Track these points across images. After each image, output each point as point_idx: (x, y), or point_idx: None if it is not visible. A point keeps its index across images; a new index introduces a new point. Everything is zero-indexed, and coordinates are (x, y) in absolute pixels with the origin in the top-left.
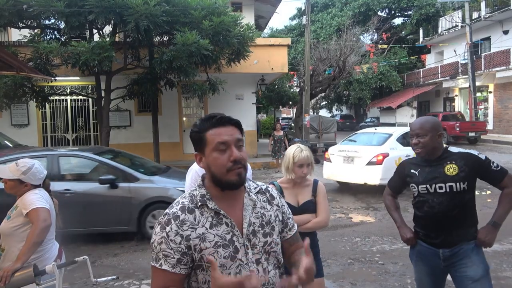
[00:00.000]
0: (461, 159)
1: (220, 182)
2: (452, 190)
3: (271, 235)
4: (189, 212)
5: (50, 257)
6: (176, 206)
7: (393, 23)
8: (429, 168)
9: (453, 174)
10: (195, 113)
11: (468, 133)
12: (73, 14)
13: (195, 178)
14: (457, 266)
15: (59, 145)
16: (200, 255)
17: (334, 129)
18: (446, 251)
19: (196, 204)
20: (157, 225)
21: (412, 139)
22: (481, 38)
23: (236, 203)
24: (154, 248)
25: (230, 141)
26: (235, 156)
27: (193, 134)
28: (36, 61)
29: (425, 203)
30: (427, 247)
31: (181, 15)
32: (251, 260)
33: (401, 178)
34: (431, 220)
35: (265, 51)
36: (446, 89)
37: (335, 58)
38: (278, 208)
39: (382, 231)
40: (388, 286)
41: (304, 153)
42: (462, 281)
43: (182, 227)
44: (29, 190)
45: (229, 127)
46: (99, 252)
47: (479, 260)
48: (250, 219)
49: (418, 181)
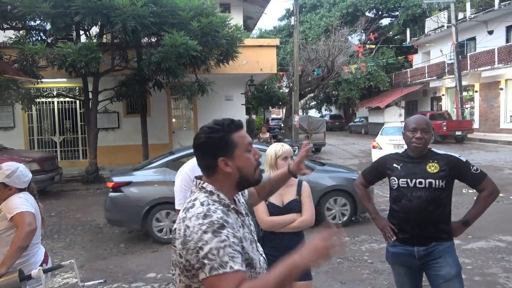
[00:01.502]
0: (442, 159)
1: (249, 181)
2: (431, 186)
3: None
4: (227, 216)
5: (36, 261)
6: (215, 212)
7: (380, 23)
8: (412, 164)
9: (433, 172)
10: (184, 114)
11: (455, 132)
12: (59, 15)
13: (186, 180)
14: (431, 265)
15: (46, 148)
16: (245, 253)
17: (324, 129)
18: (421, 250)
19: (228, 208)
20: (205, 234)
21: (415, 133)
22: (467, 38)
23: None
24: (214, 257)
25: (251, 142)
26: (259, 154)
27: (218, 137)
28: (22, 63)
29: (403, 196)
30: (402, 248)
31: (169, 16)
32: (260, 253)
33: (379, 171)
34: (407, 213)
35: (254, 51)
36: (433, 88)
37: (324, 58)
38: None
39: (371, 231)
40: (377, 284)
41: (286, 147)
42: (435, 279)
43: (234, 229)
44: (13, 194)
45: (243, 130)
46: (88, 255)
47: (452, 261)
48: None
49: (399, 175)
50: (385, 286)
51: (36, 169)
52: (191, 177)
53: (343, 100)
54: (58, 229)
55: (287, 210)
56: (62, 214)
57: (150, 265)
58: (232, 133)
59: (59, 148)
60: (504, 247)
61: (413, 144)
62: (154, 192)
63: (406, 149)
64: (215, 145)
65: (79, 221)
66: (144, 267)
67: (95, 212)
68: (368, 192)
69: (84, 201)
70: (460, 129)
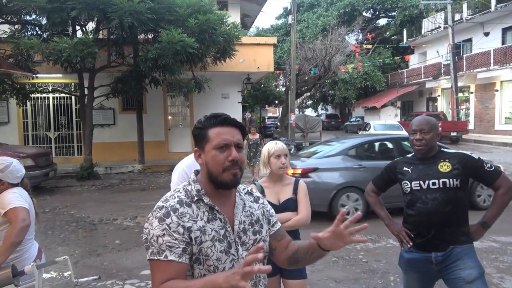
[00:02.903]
0: (454, 158)
1: (215, 180)
2: (445, 186)
3: (260, 233)
4: (187, 206)
5: (29, 257)
6: (172, 199)
7: (377, 23)
8: (422, 166)
9: (446, 171)
10: (180, 111)
11: (450, 132)
12: (55, 10)
13: (182, 176)
14: (450, 269)
15: (41, 144)
16: (199, 247)
17: (320, 128)
18: (439, 255)
19: (192, 199)
20: (153, 219)
21: (415, 135)
22: (463, 39)
23: (228, 201)
24: (154, 242)
25: (231, 141)
26: (234, 156)
27: (196, 130)
28: (17, 57)
29: (417, 199)
30: (418, 254)
31: (166, 12)
32: (241, 256)
33: (390, 176)
34: (423, 217)
35: (251, 50)
36: (429, 89)
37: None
38: (264, 206)
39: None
40: (372, 284)
41: (279, 144)
42: (456, 283)
43: (183, 218)
44: (6, 189)
45: (232, 129)
46: (82, 252)
47: (472, 262)
48: (240, 217)
49: (411, 178)
50: (380, 285)
51: (31, 164)
52: (188, 174)
53: (339, 100)
54: (52, 225)
55: (283, 208)
56: (56, 210)
57: (144, 262)
58: (209, 128)
59: (54, 144)
60: (498, 248)
61: (414, 146)
62: (339, 178)
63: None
64: (195, 135)
65: (73, 217)
66: (138, 264)
67: (89, 209)
68: (380, 199)
69: (78, 197)
70: (455, 130)
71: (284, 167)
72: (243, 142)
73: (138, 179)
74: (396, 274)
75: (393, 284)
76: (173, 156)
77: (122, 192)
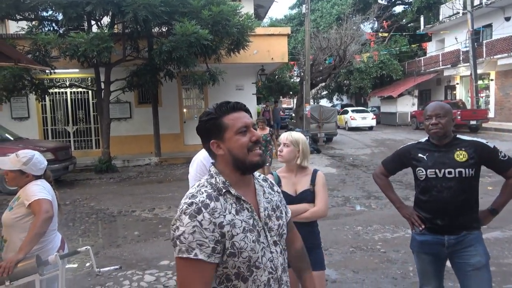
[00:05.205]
0: (470, 147)
1: (243, 164)
2: (461, 176)
3: (281, 218)
4: (216, 200)
5: (52, 247)
6: (201, 195)
7: (393, 11)
8: (438, 153)
9: (462, 160)
10: (195, 104)
11: (470, 121)
12: (70, 5)
13: (201, 168)
14: (460, 253)
15: (60, 138)
16: (232, 241)
17: (335, 119)
18: (452, 238)
19: (220, 192)
20: (183, 216)
21: (430, 120)
22: (483, 25)
23: (249, 188)
24: (184, 240)
25: (249, 123)
26: (257, 136)
27: (209, 121)
28: (35, 53)
29: (433, 187)
30: (431, 237)
31: (179, 5)
32: (271, 242)
33: (402, 161)
34: (438, 204)
35: (264, 40)
36: (447, 77)
37: (336, 47)
38: (278, 194)
39: (384, 220)
40: (390, 274)
41: (286, 133)
42: (463, 267)
43: (214, 214)
44: (30, 181)
45: (243, 113)
46: (102, 242)
47: (482, 249)
48: (264, 204)
49: (426, 165)
50: (398, 276)
51: (51, 158)
52: (206, 166)
53: (354, 90)
54: (73, 217)
55: (300, 199)
56: (76, 202)
57: (163, 253)
58: (223, 116)
59: (73, 138)
60: None
61: (431, 131)
62: None
63: (429, 137)
64: (206, 128)
65: (93, 209)
66: (157, 255)
67: (108, 201)
68: (389, 182)
69: (97, 190)
70: (474, 118)
71: (281, 155)
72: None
73: (155, 171)
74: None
75: (412, 274)
76: (188, 149)
77: (139, 185)
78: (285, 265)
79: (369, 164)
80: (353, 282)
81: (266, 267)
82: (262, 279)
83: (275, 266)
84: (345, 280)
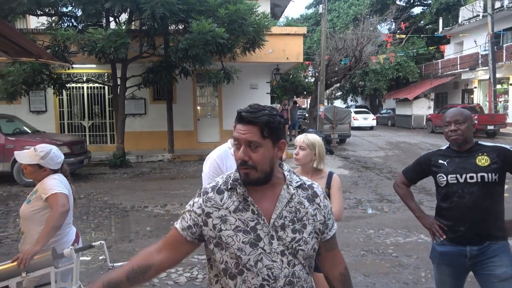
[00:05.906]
0: (493, 151)
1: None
2: (483, 181)
3: (301, 232)
4: (218, 193)
5: (68, 241)
6: (212, 183)
7: (411, 12)
8: (459, 159)
9: (485, 165)
10: (209, 102)
11: (487, 126)
12: (90, 1)
13: (214, 166)
14: (484, 264)
15: (75, 132)
16: (219, 234)
17: (349, 120)
18: (474, 249)
19: (227, 187)
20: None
21: (449, 126)
22: (504, 28)
23: (271, 193)
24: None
25: (240, 139)
26: (239, 157)
27: None
28: (54, 48)
29: (454, 193)
30: (452, 248)
31: (196, 3)
32: (275, 251)
33: (423, 169)
34: (460, 211)
35: (280, 40)
36: (465, 80)
37: (352, 48)
38: (319, 207)
39: (396, 224)
40: (402, 278)
41: (301, 136)
42: (488, 279)
43: (206, 203)
44: (48, 175)
45: (248, 126)
46: (115, 237)
47: (508, 260)
48: (281, 212)
49: (447, 171)
50: (410, 281)
51: (66, 152)
52: (219, 164)
53: (369, 91)
54: (87, 211)
55: None
56: (90, 196)
57: None
58: (236, 123)
59: (88, 133)
60: None
61: (450, 138)
62: None
63: (449, 144)
64: None
65: (106, 203)
66: None
67: (121, 196)
68: (410, 191)
69: (111, 184)
70: (492, 123)
71: (297, 158)
72: (259, 141)
73: (167, 168)
74: (427, 270)
75: (424, 280)
76: (201, 146)
77: (152, 180)
78: (295, 280)
79: (382, 167)
80: (363, 285)
81: (261, 273)
82: (254, 282)
83: (274, 276)
84: (355, 283)
